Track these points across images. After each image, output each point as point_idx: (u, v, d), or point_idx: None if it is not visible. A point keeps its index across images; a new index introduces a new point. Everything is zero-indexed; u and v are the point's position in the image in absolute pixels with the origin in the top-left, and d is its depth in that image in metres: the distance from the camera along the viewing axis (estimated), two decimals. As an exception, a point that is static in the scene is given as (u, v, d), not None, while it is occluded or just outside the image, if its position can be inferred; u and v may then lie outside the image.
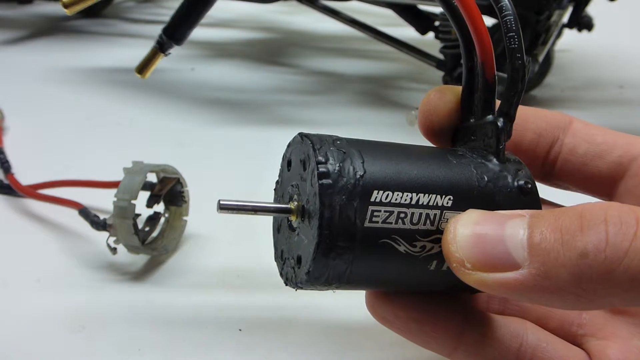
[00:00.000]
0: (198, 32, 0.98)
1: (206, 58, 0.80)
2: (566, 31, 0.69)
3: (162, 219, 0.35)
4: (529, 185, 0.20)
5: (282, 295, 0.31)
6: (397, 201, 0.18)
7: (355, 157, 0.18)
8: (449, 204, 0.19)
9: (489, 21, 0.55)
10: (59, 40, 0.89)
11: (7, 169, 0.42)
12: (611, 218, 0.15)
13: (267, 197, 0.23)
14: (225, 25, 1.03)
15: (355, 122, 0.58)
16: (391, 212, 0.18)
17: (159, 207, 0.35)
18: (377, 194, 0.18)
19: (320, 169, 0.18)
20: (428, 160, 0.19)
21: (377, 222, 0.18)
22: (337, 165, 0.18)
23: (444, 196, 0.19)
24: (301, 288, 0.19)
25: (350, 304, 0.30)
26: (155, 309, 0.30)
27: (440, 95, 0.22)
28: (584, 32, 0.70)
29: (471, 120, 0.22)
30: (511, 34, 0.20)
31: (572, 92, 0.71)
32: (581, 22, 0.67)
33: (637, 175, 0.22)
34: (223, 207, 0.20)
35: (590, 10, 0.68)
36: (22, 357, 0.27)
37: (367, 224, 0.18)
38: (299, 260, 0.19)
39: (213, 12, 1.10)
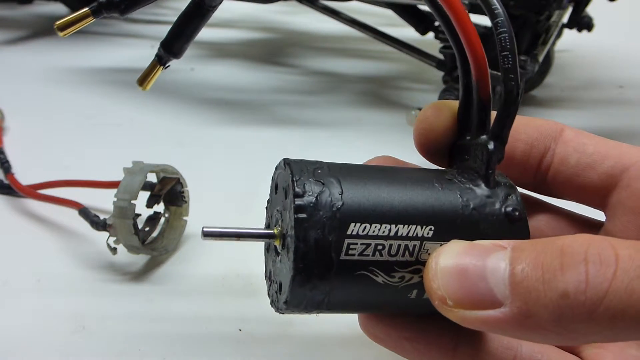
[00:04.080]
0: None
1: (206, 58, 0.80)
2: (566, 31, 0.69)
3: (162, 219, 0.35)
4: (517, 213, 0.19)
5: (282, 295, 0.31)
6: (375, 233, 0.18)
7: (334, 187, 0.18)
8: (430, 235, 0.18)
9: (488, 21, 0.55)
10: (59, 40, 0.89)
11: (7, 169, 0.42)
12: (591, 257, 0.15)
13: (266, 196, 0.23)
14: (225, 25, 1.03)
15: (355, 122, 0.58)
16: (368, 245, 0.18)
17: (159, 207, 0.35)
18: (354, 226, 0.18)
19: (297, 203, 0.18)
20: (411, 188, 0.19)
21: (354, 254, 0.18)
22: (314, 198, 0.18)
23: (424, 226, 0.18)
24: (282, 313, 0.20)
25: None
26: (155, 309, 0.30)
27: (437, 113, 0.22)
28: (584, 32, 0.70)
29: (467, 138, 0.21)
30: (505, 52, 0.19)
31: (572, 92, 0.71)
32: (581, 22, 0.67)
33: (628, 187, 0.21)
34: (207, 234, 0.20)
35: (590, 10, 0.68)
36: (22, 357, 0.27)
37: (343, 257, 0.18)
38: (280, 287, 0.19)
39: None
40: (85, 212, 0.34)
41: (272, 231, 0.20)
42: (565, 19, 0.66)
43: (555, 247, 0.16)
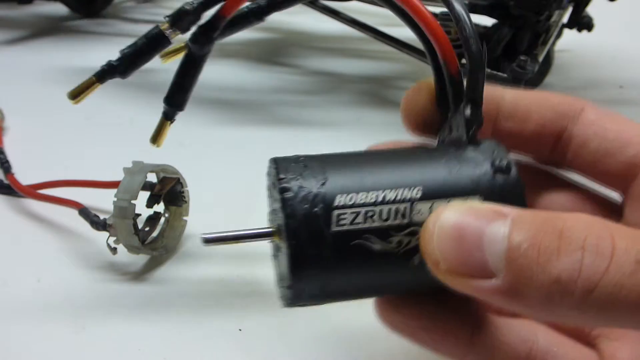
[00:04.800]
0: (198, 32, 0.95)
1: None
2: (566, 31, 0.69)
3: (162, 219, 0.35)
4: (504, 163, 0.19)
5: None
6: (363, 201, 0.18)
7: (316, 168, 0.19)
8: (418, 195, 0.18)
9: (488, 21, 0.55)
10: (59, 40, 0.89)
11: (7, 169, 0.42)
12: (589, 245, 0.15)
13: (266, 196, 0.23)
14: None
15: (355, 122, 0.58)
16: (357, 213, 0.18)
17: (159, 207, 0.35)
18: (341, 197, 0.18)
19: (282, 184, 0.18)
20: (395, 157, 0.20)
21: (345, 224, 0.18)
22: (298, 177, 0.18)
23: (412, 188, 0.19)
24: (292, 305, 0.19)
25: (350, 304, 0.30)
26: (155, 309, 0.30)
27: (416, 92, 0.23)
28: (584, 32, 0.69)
29: (448, 115, 0.22)
30: (460, 23, 0.20)
31: (572, 92, 0.71)
32: (581, 22, 0.67)
33: None
34: (208, 241, 0.20)
35: (590, 10, 0.68)
36: (22, 357, 0.27)
37: (334, 228, 0.18)
38: (282, 278, 0.20)
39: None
40: (85, 212, 0.34)
41: (270, 228, 0.20)
42: (565, 19, 0.66)
43: (555, 228, 0.16)
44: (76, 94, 0.28)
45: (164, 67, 0.30)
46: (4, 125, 0.51)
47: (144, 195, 0.33)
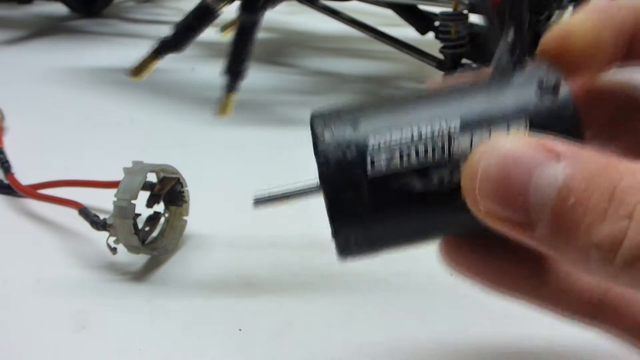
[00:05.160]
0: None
1: (206, 58, 0.80)
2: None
3: (162, 219, 0.35)
4: (552, 82, 0.17)
5: (282, 295, 0.31)
6: (397, 140, 0.17)
7: (349, 114, 0.18)
8: (457, 126, 0.17)
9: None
10: (59, 40, 0.89)
11: (7, 169, 0.42)
12: (636, 216, 0.14)
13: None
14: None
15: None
16: (393, 153, 0.17)
17: (159, 207, 0.35)
18: (374, 139, 0.17)
19: (315, 135, 0.18)
20: (433, 93, 0.18)
21: (381, 166, 0.17)
22: (331, 126, 0.18)
23: (449, 119, 0.17)
24: (345, 257, 0.18)
25: (349, 304, 0.30)
26: (155, 309, 0.30)
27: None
28: (584, 32, 0.69)
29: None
30: None
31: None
32: (581, 22, 0.67)
33: None
34: (258, 201, 0.19)
35: (590, 10, 0.68)
36: (22, 357, 0.27)
37: (370, 172, 0.17)
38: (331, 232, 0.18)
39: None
40: (85, 212, 0.34)
41: (315, 183, 0.19)
42: (565, 19, 0.66)
43: (609, 183, 0.14)
44: (138, 71, 0.28)
45: (163, 68, 0.30)
46: (4, 125, 0.51)
47: (144, 195, 0.33)
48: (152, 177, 0.34)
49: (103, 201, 0.34)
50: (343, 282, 0.31)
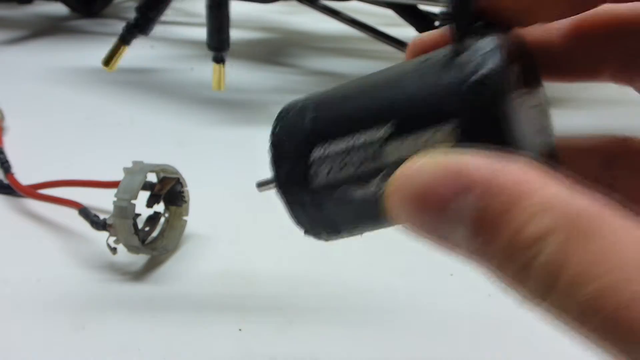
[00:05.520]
0: (198, 32, 0.97)
1: (206, 58, 0.80)
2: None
3: (162, 219, 0.35)
4: (485, 79, 0.14)
5: (282, 295, 0.31)
6: (335, 151, 0.17)
7: (301, 116, 0.18)
8: (387, 134, 0.16)
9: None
10: (59, 40, 0.89)
11: (7, 169, 0.42)
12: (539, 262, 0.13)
13: (266, 197, 0.23)
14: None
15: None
16: (332, 164, 0.17)
17: (159, 207, 0.35)
18: (317, 151, 0.18)
19: (272, 138, 0.19)
20: (375, 83, 0.17)
21: (322, 177, 0.18)
22: (285, 129, 0.19)
23: (383, 125, 0.16)
24: (310, 236, 0.20)
25: (349, 304, 0.30)
26: (155, 309, 0.30)
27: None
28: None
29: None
30: None
31: (569, 91, 0.71)
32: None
33: None
34: (260, 184, 0.21)
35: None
36: (22, 356, 0.27)
37: (314, 183, 0.18)
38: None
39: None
40: (85, 212, 0.34)
41: None
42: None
43: (516, 223, 0.13)
44: (108, 60, 0.28)
45: (163, 68, 0.30)
46: (4, 125, 0.51)
47: (144, 195, 0.33)
48: (152, 177, 0.34)
49: (103, 201, 0.34)
50: (343, 282, 0.31)
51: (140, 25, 0.28)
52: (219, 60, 0.28)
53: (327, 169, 0.18)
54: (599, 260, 0.12)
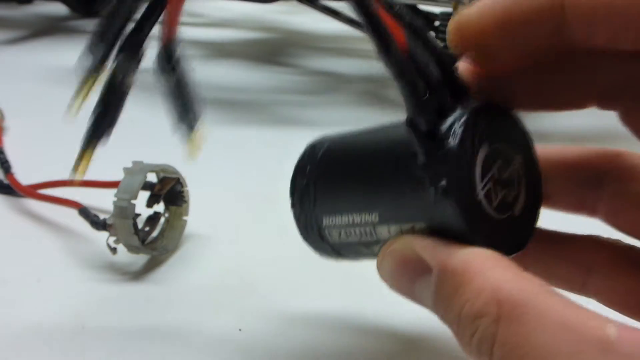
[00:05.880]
0: (198, 32, 0.97)
1: (206, 58, 0.80)
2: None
3: (162, 219, 0.35)
4: (443, 184, 0.17)
5: (282, 295, 0.31)
6: (340, 223, 0.21)
7: (310, 191, 0.22)
8: (377, 220, 0.20)
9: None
10: (59, 40, 0.89)
11: (7, 169, 0.42)
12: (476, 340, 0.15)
13: (266, 197, 0.23)
14: (225, 25, 1.03)
15: (355, 122, 0.58)
16: (340, 232, 0.22)
17: (159, 207, 0.35)
18: (326, 220, 0.22)
19: (292, 207, 0.24)
20: (365, 174, 0.20)
21: (335, 238, 0.22)
22: (297, 200, 0.23)
23: (372, 213, 0.20)
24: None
25: (349, 304, 0.30)
26: (155, 309, 0.30)
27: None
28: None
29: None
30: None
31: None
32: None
33: None
34: None
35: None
36: (22, 356, 0.27)
37: (330, 241, 0.22)
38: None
39: (213, 12, 1.10)
40: (85, 212, 0.34)
41: None
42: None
43: (458, 308, 0.16)
44: (76, 167, 0.28)
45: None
46: (4, 125, 0.51)
47: (144, 195, 0.33)
48: (152, 177, 0.34)
49: (103, 201, 0.34)
50: (343, 283, 0.31)
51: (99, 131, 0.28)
52: (191, 129, 0.29)
53: (337, 234, 0.22)
54: (519, 344, 0.14)
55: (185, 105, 0.28)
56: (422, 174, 0.17)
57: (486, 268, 0.15)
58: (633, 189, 0.20)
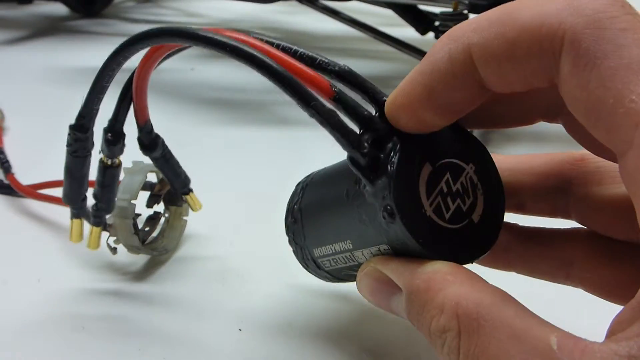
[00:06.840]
0: (198, 32, 0.96)
1: (206, 58, 0.80)
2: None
3: (162, 219, 0.35)
4: (389, 207, 0.18)
5: (282, 295, 0.31)
6: (326, 253, 0.24)
7: (298, 226, 0.25)
8: (351, 246, 0.22)
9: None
10: (59, 40, 0.89)
11: (7, 169, 0.42)
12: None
13: (266, 197, 0.23)
14: (225, 25, 1.03)
15: (355, 122, 0.58)
16: (329, 260, 0.24)
17: (159, 207, 0.35)
18: (316, 250, 0.25)
19: (289, 240, 0.26)
20: (335, 213, 0.22)
21: (327, 265, 0.25)
22: (292, 234, 0.26)
23: (346, 241, 0.22)
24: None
25: (348, 304, 0.30)
26: (155, 309, 0.30)
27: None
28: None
29: None
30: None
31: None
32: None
33: None
34: None
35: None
36: (22, 357, 0.27)
37: (325, 269, 0.25)
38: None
39: (213, 12, 1.10)
40: (85, 212, 0.34)
41: None
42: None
43: (425, 323, 0.17)
44: (85, 241, 0.30)
45: (163, 68, 0.30)
46: (4, 125, 0.51)
47: (144, 195, 0.33)
48: (152, 177, 0.34)
49: (103, 201, 0.34)
50: (343, 283, 0.31)
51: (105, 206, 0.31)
52: (187, 192, 0.32)
53: (328, 262, 0.24)
54: (478, 355, 0.15)
55: (175, 172, 0.31)
56: (373, 201, 0.19)
57: (446, 284, 0.17)
58: (598, 192, 0.21)
